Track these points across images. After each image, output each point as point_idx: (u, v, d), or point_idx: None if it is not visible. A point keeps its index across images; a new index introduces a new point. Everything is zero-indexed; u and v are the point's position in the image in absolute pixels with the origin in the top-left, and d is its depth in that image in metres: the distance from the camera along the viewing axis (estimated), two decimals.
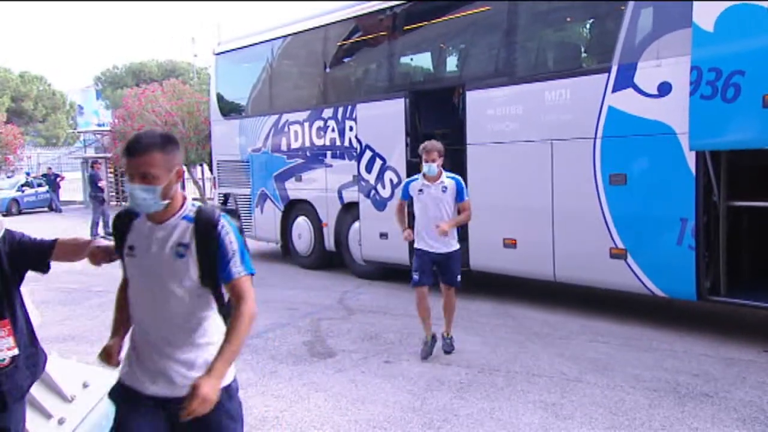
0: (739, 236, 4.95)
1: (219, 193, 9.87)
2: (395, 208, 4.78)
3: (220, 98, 9.77)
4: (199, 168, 22.27)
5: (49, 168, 23.59)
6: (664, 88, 4.77)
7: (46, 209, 21.01)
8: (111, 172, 23.42)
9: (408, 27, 7.04)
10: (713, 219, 4.73)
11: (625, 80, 4.98)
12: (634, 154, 4.99)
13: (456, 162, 6.64)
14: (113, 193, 23.42)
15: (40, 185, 21.82)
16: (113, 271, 2.09)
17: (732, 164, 4.67)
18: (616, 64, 5.04)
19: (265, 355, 4.71)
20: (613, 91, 5.05)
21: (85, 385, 2.71)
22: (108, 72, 38.02)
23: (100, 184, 13.14)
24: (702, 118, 4.40)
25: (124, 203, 23.32)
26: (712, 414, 3.47)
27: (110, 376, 2.90)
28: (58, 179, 22.03)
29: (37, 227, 13.14)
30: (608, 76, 5.07)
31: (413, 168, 6.72)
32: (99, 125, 23.13)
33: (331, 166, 7.83)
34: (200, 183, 19.47)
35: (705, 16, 4.34)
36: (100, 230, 12.66)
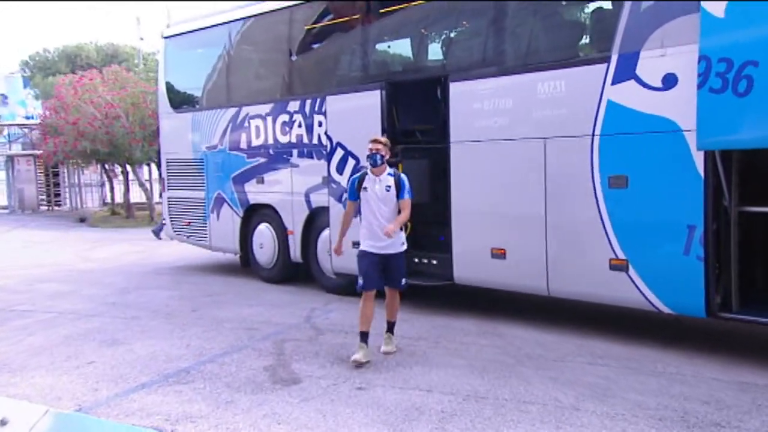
0: (752, 245, 4.97)
1: (168, 198, 9.69)
2: (343, 214, 5.11)
3: (170, 88, 9.63)
4: (145, 168, 21.97)
5: None
6: (670, 81, 4.78)
7: None
8: (41, 172, 22.90)
9: (385, 9, 6.99)
10: (724, 226, 4.75)
11: (626, 71, 4.99)
12: (637, 153, 4.99)
13: (438, 162, 6.64)
14: (43, 197, 22.91)
15: None
16: (41, 287, 1.93)
17: (744, 165, 4.69)
18: (616, 53, 5.05)
19: (219, 382, 4.60)
20: (613, 83, 5.06)
21: (3, 423, 2.55)
22: (38, 56, 37.10)
23: None
24: (711, 114, 4.41)
25: (56, 208, 22.93)
26: None
27: (35, 412, 2.73)
28: None
29: None
30: (607, 67, 5.08)
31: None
32: (27, 118, 22.62)
33: (297, 166, 7.74)
34: (147, 185, 19.12)
35: (715, 1, 4.34)
36: None
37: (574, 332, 5.66)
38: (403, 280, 5.03)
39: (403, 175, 4.94)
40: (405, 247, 5.05)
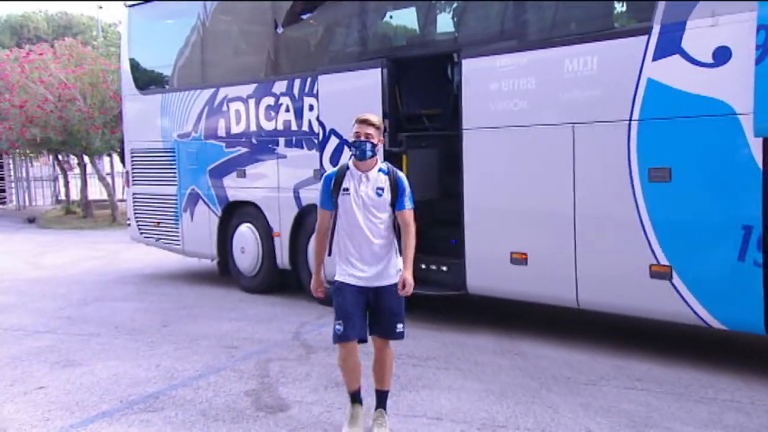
0: None
1: (134, 194, 9.68)
2: (316, 230, 4.16)
3: (135, 66, 9.63)
4: (106, 159, 21.95)
5: None
6: (722, 55, 4.76)
7: None
8: None
9: None
10: None
11: (670, 45, 4.97)
12: (682, 141, 4.98)
13: (449, 152, 6.63)
14: None
15: None
16: None
17: None
18: (657, 23, 5.03)
19: (193, 410, 4.58)
20: (654, 58, 5.04)
21: None
22: None
23: None
24: None
25: (0, 206, 22.85)
26: None
27: None
28: None
29: None
30: (647, 40, 5.06)
31: (393, 160, 6.66)
32: None
33: (284, 157, 7.73)
34: (108, 180, 19.11)
35: None
36: None
37: (608, 351, 5.63)
38: (400, 326, 4.00)
39: (400, 173, 4.02)
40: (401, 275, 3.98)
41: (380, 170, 3.99)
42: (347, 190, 3.95)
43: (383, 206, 3.94)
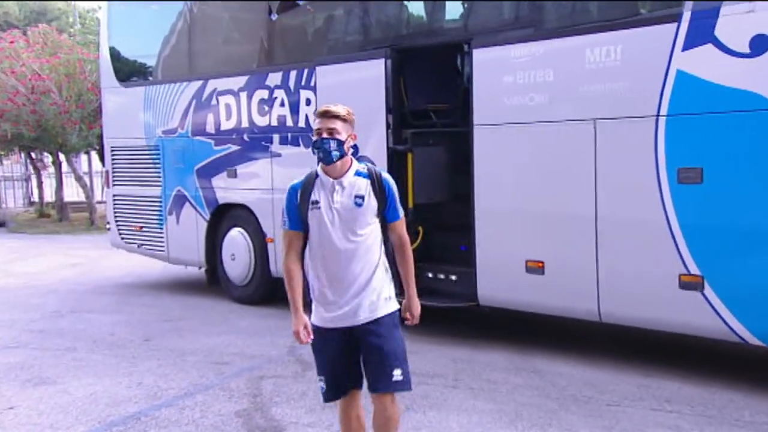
0: None
1: (114, 196, 9.68)
2: (283, 260, 3.49)
3: (115, 55, 9.67)
4: (84, 158, 21.99)
5: None
6: (759, 44, 4.74)
7: None
8: None
9: None
10: None
11: (702, 33, 4.95)
12: (714, 139, 4.97)
13: (458, 150, 6.63)
14: None
15: None
16: None
17: None
18: (688, 9, 5.02)
19: None
20: (685, 48, 5.03)
21: None
22: None
23: None
24: None
25: None
26: None
27: None
28: None
29: None
30: (677, 27, 5.04)
31: (398, 158, 6.66)
32: None
33: (279, 155, 7.74)
34: (85, 180, 19.13)
35: None
36: None
37: (633, 369, 5.61)
38: (398, 372, 3.37)
39: (386, 174, 3.50)
40: (394, 303, 3.47)
41: (358, 173, 3.42)
42: (317, 203, 3.38)
43: (365, 219, 3.38)
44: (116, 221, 9.72)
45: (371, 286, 3.40)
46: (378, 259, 3.44)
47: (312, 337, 3.39)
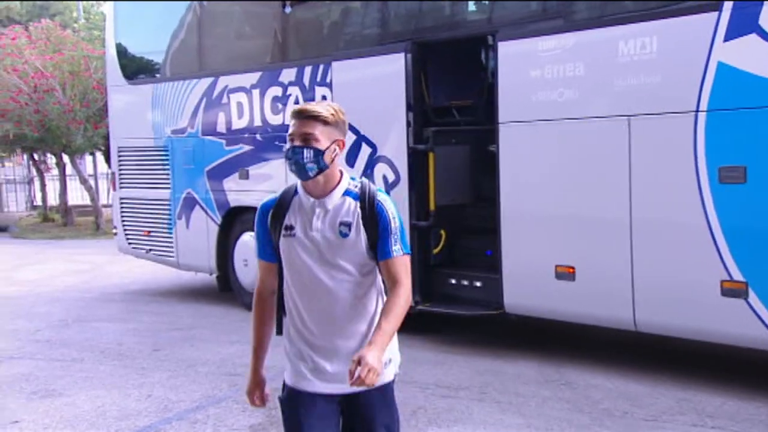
0: None
1: (121, 199, 9.73)
2: (255, 292, 3.02)
3: (122, 52, 9.72)
4: (89, 159, 22.14)
5: None
6: None
7: None
8: None
9: None
10: None
11: (745, 22, 4.90)
12: (759, 135, 4.92)
13: (483, 149, 6.60)
14: None
15: None
16: None
17: None
18: None
19: None
20: (726, 39, 4.98)
21: None
22: None
23: None
24: None
25: None
26: None
27: None
28: None
29: None
30: (718, 17, 5.00)
31: (419, 158, 6.64)
32: None
33: None
34: (91, 182, 19.26)
35: None
36: None
37: (672, 381, 5.57)
38: None
39: (382, 195, 2.79)
40: (395, 368, 2.86)
41: (347, 193, 2.77)
42: (291, 228, 2.75)
43: (353, 253, 2.73)
44: (123, 226, 9.76)
45: (364, 342, 2.72)
46: (374, 306, 2.82)
47: (263, 403, 2.94)
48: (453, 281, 6.65)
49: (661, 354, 6.17)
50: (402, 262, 2.74)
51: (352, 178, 2.82)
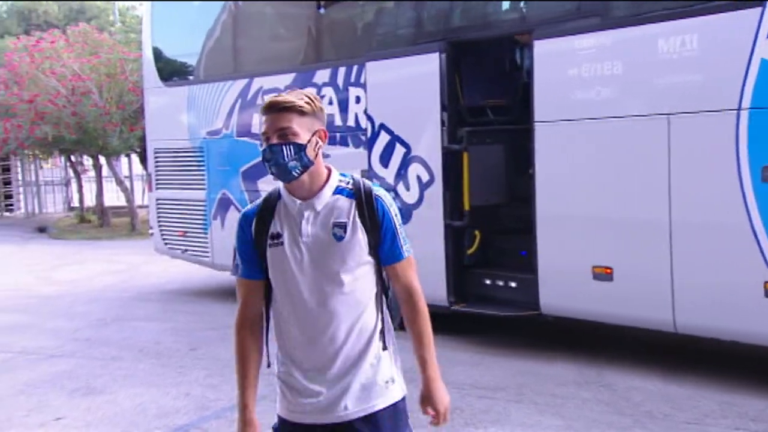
0: None
1: (157, 200, 9.81)
2: (236, 316, 2.70)
3: (158, 55, 9.80)
4: (124, 161, 22.37)
5: None
6: None
7: None
8: None
9: None
10: None
11: None
12: None
13: (518, 149, 6.56)
14: None
15: None
16: None
17: None
18: None
19: None
20: None
21: None
22: None
23: None
24: None
25: (7, 214, 23.46)
26: None
27: None
28: None
29: None
30: (762, 12, 4.93)
31: (453, 159, 6.61)
32: None
33: (327, 156, 7.43)
34: (126, 184, 19.47)
35: None
36: None
37: (714, 384, 5.49)
38: None
39: (380, 191, 2.53)
40: (400, 387, 2.57)
41: (339, 191, 2.50)
42: (278, 236, 2.49)
43: (351, 258, 2.45)
44: (159, 226, 9.84)
45: (365, 362, 2.47)
46: (375, 321, 2.52)
47: None
48: (488, 282, 6.62)
49: (701, 356, 6.10)
50: (411, 264, 2.54)
51: (343, 175, 2.54)
